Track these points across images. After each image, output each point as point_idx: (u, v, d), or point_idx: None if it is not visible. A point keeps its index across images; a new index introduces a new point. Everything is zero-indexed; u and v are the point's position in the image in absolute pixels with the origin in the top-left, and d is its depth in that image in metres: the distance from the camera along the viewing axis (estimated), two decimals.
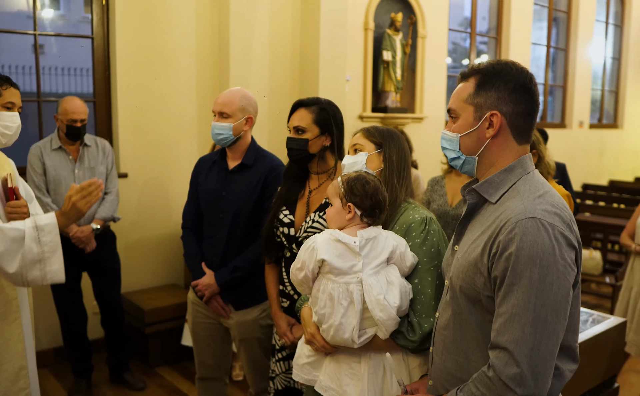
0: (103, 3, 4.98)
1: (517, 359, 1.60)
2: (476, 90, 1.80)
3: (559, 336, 1.63)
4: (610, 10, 11.38)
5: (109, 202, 4.37)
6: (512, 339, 1.61)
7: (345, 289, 2.09)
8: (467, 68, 1.88)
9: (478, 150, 1.82)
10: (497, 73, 1.79)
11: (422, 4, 7.38)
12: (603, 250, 7.00)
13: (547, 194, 1.73)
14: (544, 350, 1.60)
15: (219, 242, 3.14)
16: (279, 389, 2.85)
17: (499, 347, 1.64)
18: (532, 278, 1.60)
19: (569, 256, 1.64)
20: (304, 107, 2.74)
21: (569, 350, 1.76)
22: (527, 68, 1.82)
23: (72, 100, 4.15)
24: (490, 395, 1.65)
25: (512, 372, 1.60)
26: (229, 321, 3.18)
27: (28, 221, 2.54)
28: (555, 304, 1.61)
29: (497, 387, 1.63)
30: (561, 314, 1.63)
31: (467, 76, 1.85)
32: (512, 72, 1.79)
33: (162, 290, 5.24)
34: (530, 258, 1.60)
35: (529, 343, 1.59)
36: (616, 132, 11.70)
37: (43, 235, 2.53)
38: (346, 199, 2.18)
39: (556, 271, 1.60)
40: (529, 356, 1.59)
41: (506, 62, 1.82)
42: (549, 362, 1.62)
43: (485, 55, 9.43)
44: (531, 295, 1.59)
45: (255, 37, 5.53)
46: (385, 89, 7.13)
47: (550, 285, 1.60)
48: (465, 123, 1.82)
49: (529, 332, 1.59)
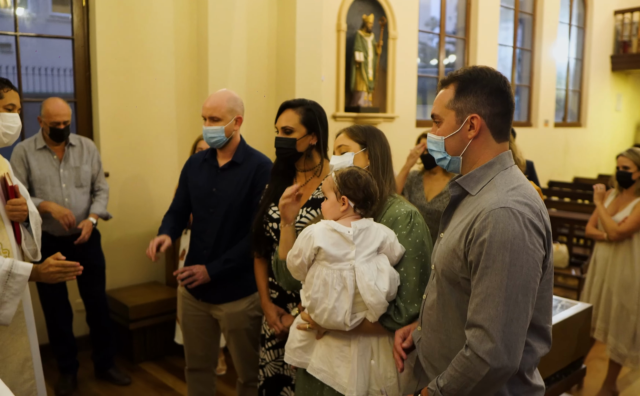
0: (83, 4, 5.03)
1: (492, 335, 1.75)
2: (456, 96, 1.96)
3: (528, 313, 1.79)
4: (573, 12, 11.71)
5: (103, 198, 4.46)
6: (487, 317, 1.77)
7: (339, 275, 2.23)
8: (447, 76, 2.03)
9: (462, 150, 1.98)
10: (474, 79, 1.95)
11: (392, 6, 7.55)
12: (569, 244, 7.24)
13: (521, 187, 1.88)
14: (516, 326, 1.76)
15: (209, 237, 3.25)
16: (269, 376, 2.97)
17: (475, 325, 1.80)
18: (504, 262, 1.76)
19: (538, 241, 1.80)
20: (291, 109, 2.87)
21: (541, 330, 1.93)
22: (496, 68, 1.99)
23: (55, 103, 4.17)
24: (467, 373, 1.80)
25: (488, 347, 1.76)
26: (219, 313, 3.29)
27: (7, 262, 2.61)
28: (524, 284, 1.77)
29: (474, 364, 1.78)
30: (530, 293, 1.79)
31: (447, 83, 2.01)
32: (487, 77, 1.95)
33: (144, 287, 5.32)
34: (502, 244, 1.76)
35: (502, 320, 1.75)
36: (580, 130, 12.04)
37: (13, 283, 2.61)
38: (340, 192, 2.33)
39: (525, 255, 1.76)
40: (502, 332, 1.75)
41: (481, 68, 1.98)
42: (520, 337, 1.78)
43: (453, 56, 9.64)
44: (503, 277, 1.75)
45: (233, 38, 5.64)
46: (357, 89, 7.26)
47: (520, 267, 1.76)
48: (449, 126, 1.98)
49: (502, 310, 1.75)
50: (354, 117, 7.10)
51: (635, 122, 14.04)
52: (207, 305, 3.31)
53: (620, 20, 12.64)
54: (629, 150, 4.50)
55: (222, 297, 3.25)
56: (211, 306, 3.30)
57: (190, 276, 3.20)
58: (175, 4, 5.48)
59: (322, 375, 2.37)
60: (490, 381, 1.78)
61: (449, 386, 1.86)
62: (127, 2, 5.18)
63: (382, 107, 7.64)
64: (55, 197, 4.21)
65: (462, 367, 1.82)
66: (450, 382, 1.85)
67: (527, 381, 1.93)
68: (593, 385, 4.88)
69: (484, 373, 1.76)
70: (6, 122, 2.77)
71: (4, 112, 2.76)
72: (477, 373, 1.78)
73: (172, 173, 5.58)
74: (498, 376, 1.77)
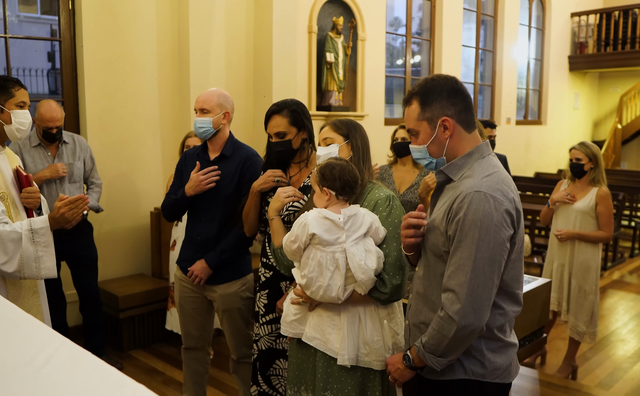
0: (70, 8, 5.23)
1: (460, 297, 2.09)
2: (422, 108, 2.27)
3: (494, 282, 2.12)
4: (533, 14, 12.16)
5: (95, 192, 4.66)
6: (458, 283, 2.10)
7: (332, 257, 2.53)
8: (406, 95, 2.35)
9: (443, 150, 2.29)
10: (430, 89, 2.26)
11: (361, 9, 7.84)
12: (531, 234, 7.65)
13: (495, 174, 2.20)
14: (481, 290, 2.09)
15: (202, 225, 3.52)
16: (263, 349, 3.25)
17: (448, 290, 2.13)
18: (474, 237, 2.08)
19: (506, 221, 2.11)
20: (277, 114, 3.15)
21: (512, 294, 2.26)
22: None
23: (48, 106, 4.35)
24: (442, 330, 2.14)
25: (456, 308, 2.09)
26: (213, 294, 3.56)
27: (25, 223, 2.85)
28: (491, 257, 2.09)
29: (446, 322, 2.12)
30: (495, 265, 2.11)
31: (409, 101, 2.33)
32: (441, 83, 2.27)
33: (132, 279, 5.53)
34: (473, 222, 2.08)
35: (469, 286, 2.08)
36: (540, 128, 12.51)
37: (37, 237, 2.86)
38: (320, 185, 2.63)
39: (493, 232, 2.08)
40: (469, 296, 2.08)
41: (432, 78, 2.30)
42: (485, 300, 2.11)
43: (418, 56, 9.97)
44: (472, 250, 2.08)
45: (212, 40, 5.88)
46: (328, 88, 7.54)
47: (487, 242, 2.08)
48: (426, 135, 2.29)
49: (470, 278, 2.08)
50: (325, 115, 7.37)
51: (593, 119, 14.63)
52: (202, 288, 3.57)
53: (577, 22, 13.18)
54: (581, 143, 4.88)
55: (217, 279, 3.52)
56: (206, 288, 3.56)
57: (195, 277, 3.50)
58: (158, 7, 5.70)
59: (316, 342, 2.65)
60: (460, 338, 2.12)
61: (429, 343, 2.19)
62: (112, 5, 5.38)
63: (352, 105, 7.92)
64: (49, 193, 4.40)
65: (438, 325, 2.15)
66: (430, 339, 2.19)
67: (500, 338, 2.26)
68: (555, 362, 5.26)
69: (454, 330, 2.09)
70: (19, 119, 2.99)
71: (16, 109, 2.99)
72: (449, 330, 2.11)
73: (156, 169, 5.81)
74: (466, 332, 2.10)
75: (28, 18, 8.03)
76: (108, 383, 1.42)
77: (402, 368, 2.36)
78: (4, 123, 2.96)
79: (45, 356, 1.53)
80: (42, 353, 1.55)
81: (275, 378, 3.24)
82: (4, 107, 2.95)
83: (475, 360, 2.23)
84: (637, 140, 14.11)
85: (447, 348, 2.15)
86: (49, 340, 1.65)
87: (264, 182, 3.16)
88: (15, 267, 2.79)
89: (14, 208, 2.96)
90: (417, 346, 2.24)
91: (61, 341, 1.62)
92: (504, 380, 2.27)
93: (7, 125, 2.97)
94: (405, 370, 2.35)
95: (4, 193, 2.90)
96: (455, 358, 2.19)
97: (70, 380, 1.44)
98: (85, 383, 1.42)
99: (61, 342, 1.62)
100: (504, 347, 2.28)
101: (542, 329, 3.65)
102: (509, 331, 2.31)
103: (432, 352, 2.19)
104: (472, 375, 2.23)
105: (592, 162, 4.80)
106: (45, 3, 10.19)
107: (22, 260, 2.79)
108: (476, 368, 2.23)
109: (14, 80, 3.03)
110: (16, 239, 2.78)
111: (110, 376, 1.44)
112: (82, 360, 1.54)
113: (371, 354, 2.58)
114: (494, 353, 2.24)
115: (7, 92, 2.96)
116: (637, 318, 6.57)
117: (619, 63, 12.94)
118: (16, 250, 2.78)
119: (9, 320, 1.80)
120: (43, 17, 10.29)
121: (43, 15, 10.29)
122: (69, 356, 1.55)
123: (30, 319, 1.88)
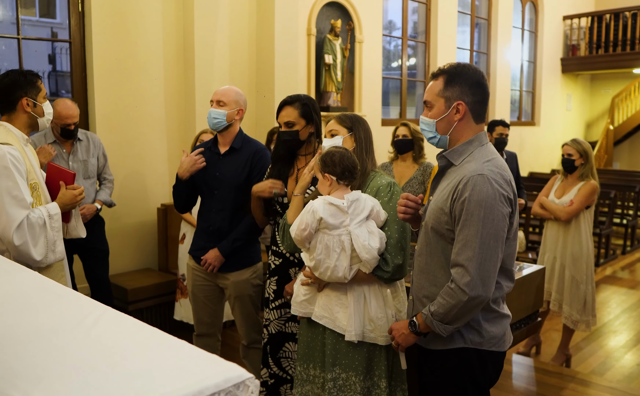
0: (80, 10, 5.40)
1: (470, 271, 2.28)
2: (445, 86, 2.46)
3: (498, 256, 2.33)
4: (526, 17, 12.36)
5: (108, 188, 4.84)
6: (466, 258, 2.30)
7: (338, 239, 2.72)
8: (436, 70, 2.53)
9: (449, 130, 2.48)
10: (458, 73, 2.46)
11: (359, 12, 8.04)
12: (525, 231, 7.84)
13: (494, 159, 2.41)
14: (488, 264, 2.30)
15: (214, 215, 3.69)
16: (273, 333, 3.42)
17: (458, 264, 2.33)
18: (479, 216, 2.28)
19: (506, 201, 2.32)
20: (289, 105, 3.35)
21: (507, 271, 2.47)
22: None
23: (64, 104, 4.49)
24: (452, 300, 2.33)
25: (466, 280, 2.29)
26: (225, 282, 3.73)
27: (43, 209, 3.05)
28: (495, 233, 2.29)
29: (456, 293, 2.31)
30: (499, 240, 2.31)
31: (436, 76, 2.51)
32: (469, 72, 2.46)
33: (139, 273, 5.69)
34: (478, 202, 2.28)
35: (477, 260, 2.28)
36: (534, 129, 12.71)
37: (54, 223, 3.07)
38: (322, 172, 2.81)
39: (496, 211, 2.29)
40: (477, 269, 2.28)
41: (464, 65, 2.49)
42: (492, 273, 2.32)
43: (414, 58, 10.16)
44: (478, 227, 2.28)
45: (216, 42, 6.07)
46: (327, 89, 7.71)
47: (492, 220, 2.28)
48: (439, 111, 2.48)
49: (478, 252, 2.28)
50: (324, 115, 7.52)
51: (585, 120, 14.85)
52: (214, 276, 3.74)
53: (569, 25, 13.40)
54: (572, 140, 5.09)
55: (230, 267, 3.69)
56: (219, 276, 3.73)
57: (209, 265, 3.67)
58: (164, 11, 5.87)
59: (325, 321, 2.84)
60: (468, 307, 2.31)
61: (437, 311, 2.38)
62: (120, 8, 5.55)
63: (350, 106, 8.09)
64: None
65: (448, 296, 2.34)
66: (439, 308, 2.37)
67: (495, 310, 2.47)
68: (549, 352, 5.45)
69: (464, 300, 2.29)
70: (48, 109, 3.20)
71: (45, 101, 3.17)
72: (459, 300, 2.30)
73: (163, 166, 5.98)
74: (475, 303, 2.31)
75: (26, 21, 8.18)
76: (151, 339, 1.60)
77: (406, 333, 2.56)
78: (37, 117, 3.14)
79: (93, 319, 1.71)
80: (90, 316, 1.73)
81: (285, 360, 3.41)
82: (36, 101, 3.12)
83: (473, 330, 2.43)
84: (629, 140, 14.35)
85: (455, 316, 2.34)
86: (94, 306, 1.83)
87: (261, 190, 3.34)
88: (43, 254, 2.98)
89: (44, 199, 3.14)
90: (425, 314, 2.44)
91: (104, 308, 1.80)
92: (499, 348, 2.49)
93: (41, 118, 3.16)
94: (410, 335, 2.55)
95: (36, 184, 3.07)
96: (461, 326, 2.39)
97: (117, 336, 1.62)
98: (130, 340, 1.60)
99: (104, 308, 1.80)
100: (498, 318, 2.48)
101: (537, 313, 3.83)
102: (502, 304, 2.52)
103: (440, 320, 2.38)
104: (471, 343, 2.43)
105: (582, 158, 4.99)
106: (43, 6, 10.17)
107: (47, 245, 2.99)
108: (474, 337, 2.43)
109: (35, 74, 3.19)
110: (41, 225, 2.98)
111: (152, 334, 1.62)
112: (125, 321, 1.73)
113: (376, 330, 2.77)
114: (490, 323, 2.45)
115: (35, 87, 3.13)
116: (628, 311, 6.77)
117: (611, 65, 13.15)
118: (42, 234, 2.98)
119: (52, 293, 1.98)
120: (42, 20, 10.37)
121: (42, 18, 10.35)
122: (112, 319, 1.73)
123: (72, 291, 2.06)
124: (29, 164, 3.05)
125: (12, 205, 2.89)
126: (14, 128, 3.09)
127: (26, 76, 3.13)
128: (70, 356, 1.46)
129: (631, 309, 6.83)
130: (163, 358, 1.46)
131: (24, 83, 3.10)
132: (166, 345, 1.54)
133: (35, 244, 2.94)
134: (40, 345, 1.52)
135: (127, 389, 1.28)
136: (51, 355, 1.46)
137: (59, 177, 3.22)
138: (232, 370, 1.38)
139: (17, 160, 2.94)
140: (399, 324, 2.63)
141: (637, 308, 6.85)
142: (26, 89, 3.10)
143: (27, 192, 2.96)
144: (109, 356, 1.46)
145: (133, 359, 1.46)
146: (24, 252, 2.90)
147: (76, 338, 1.59)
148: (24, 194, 2.92)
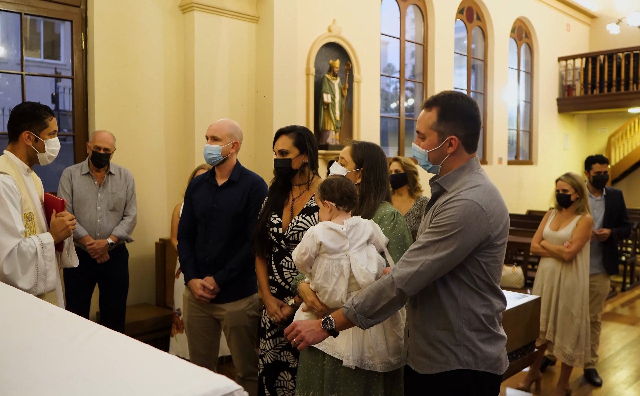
0: (83, 47, 5.51)
1: (410, 271, 2.36)
2: (438, 120, 2.48)
3: (438, 275, 2.37)
4: (521, 58, 12.52)
5: (127, 223, 4.92)
6: (415, 258, 2.38)
7: (337, 264, 2.75)
8: (430, 98, 2.56)
9: (441, 161, 2.52)
10: (452, 106, 2.47)
11: (357, 53, 8.14)
12: (524, 267, 7.84)
13: (482, 186, 2.42)
14: (426, 276, 2.35)
15: (211, 246, 3.72)
16: (269, 363, 3.42)
17: (405, 260, 2.41)
18: (446, 233, 2.32)
19: (482, 225, 2.33)
20: (284, 134, 3.43)
21: (495, 288, 2.48)
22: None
23: (102, 132, 4.83)
24: (381, 293, 2.40)
25: (403, 276, 2.37)
26: (221, 313, 3.74)
27: (35, 238, 3.07)
28: (449, 254, 2.32)
29: (388, 286, 2.39)
30: (450, 264, 2.35)
31: (430, 105, 2.53)
32: (463, 105, 2.48)
33: (137, 308, 5.69)
34: (452, 221, 2.32)
35: (422, 266, 2.34)
36: (531, 167, 12.77)
37: (47, 252, 3.09)
38: (322, 199, 2.86)
39: (467, 235, 2.32)
40: (417, 273, 2.35)
41: (457, 96, 2.51)
42: (424, 284, 2.38)
43: (412, 99, 10.28)
44: (440, 242, 2.33)
45: (216, 80, 6.17)
46: (325, 128, 7.77)
47: (453, 241, 2.31)
48: (431, 143, 2.51)
49: (424, 261, 2.35)
50: (322, 154, 7.59)
51: (582, 159, 14.85)
52: (210, 307, 3.75)
53: (564, 66, 13.57)
54: (566, 174, 5.12)
55: (225, 297, 3.71)
56: (215, 307, 3.74)
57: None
58: (165, 49, 5.99)
59: (324, 347, 2.85)
60: (394, 303, 2.40)
61: (365, 304, 2.43)
62: (122, 46, 5.67)
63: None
64: (90, 216, 4.73)
65: (379, 288, 2.42)
66: (366, 300, 2.43)
67: (489, 330, 2.46)
68: (550, 387, 5.41)
69: (393, 296, 2.37)
70: (51, 147, 3.23)
71: (49, 138, 3.22)
72: (388, 295, 2.38)
73: (162, 201, 6.03)
74: (400, 300, 2.39)
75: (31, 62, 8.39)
76: (142, 353, 1.62)
77: (318, 330, 2.56)
78: (37, 152, 3.19)
79: (85, 336, 1.73)
80: (83, 334, 1.75)
81: (280, 390, 3.40)
82: (38, 136, 3.17)
83: (467, 350, 2.42)
84: (626, 179, 14.41)
85: (380, 310, 2.41)
86: (86, 325, 1.86)
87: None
88: (32, 282, 2.99)
89: (39, 229, 3.17)
90: (347, 308, 2.46)
91: (97, 326, 1.83)
92: (495, 371, 2.47)
93: (41, 153, 3.20)
94: (321, 332, 2.56)
95: (30, 214, 3.10)
96: (380, 322, 2.50)
97: (109, 352, 1.64)
98: (122, 355, 1.62)
99: (97, 327, 1.82)
100: (493, 338, 2.48)
101: (533, 343, 3.83)
102: (497, 325, 2.51)
103: (363, 313, 2.42)
104: (466, 364, 2.42)
105: (577, 192, 5.03)
106: (48, 48, 10.66)
107: (38, 274, 3.01)
108: (469, 357, 2.42)
109: (46, 108, 3.25)
110: (33, 253, 3.00)
111: (143, 350, 1.64)
112: (117, 339, 1.75)
113: (375, 357, 2.77)
114: (485, 343, 2.44)
115: (41, 122, 3.18)
116: (629, 346, 6.74)
117: (606, 105, 13.26)
118: (32, 263, 3.00)
119: (45, 312, 2.01)
120: (46, 61, 10.78)
121: (46, 60, 10.78)
122: (106, 336, 1.76)
123: (64, 311, 2.08)
124: (25, 194, 3.08)
125: (2, 234, 2.91)
126: (15, 158, 3.15)
127: (35, 110, 3.19)
128: (61, 367, 1.48)
129: (632, 345, 6.79)
130: (153, 370, 1.48)
131: (29, 116, 3.16)
132: (156, 358, 1.56)
133: (24, 272, 2.95)
134: (33, 357, 1.54)
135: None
136: (43, 367, 1.48)
137: (52, 205, 3.26)
138: (221, 381, 1.40)
139: (10, 189, 2.97)
140: (306, 321, 2.64)
141: (637, 344, 6.81)
142: (30, 122, 3.15)
143: (19, 220, 2.98)
144: (100, 368, 1.48)
145: (123, 371, 1.48)
146: (11, 282, 2.90)
147: (68, 352, 1.61)
148: (15, 223, 2.94)
